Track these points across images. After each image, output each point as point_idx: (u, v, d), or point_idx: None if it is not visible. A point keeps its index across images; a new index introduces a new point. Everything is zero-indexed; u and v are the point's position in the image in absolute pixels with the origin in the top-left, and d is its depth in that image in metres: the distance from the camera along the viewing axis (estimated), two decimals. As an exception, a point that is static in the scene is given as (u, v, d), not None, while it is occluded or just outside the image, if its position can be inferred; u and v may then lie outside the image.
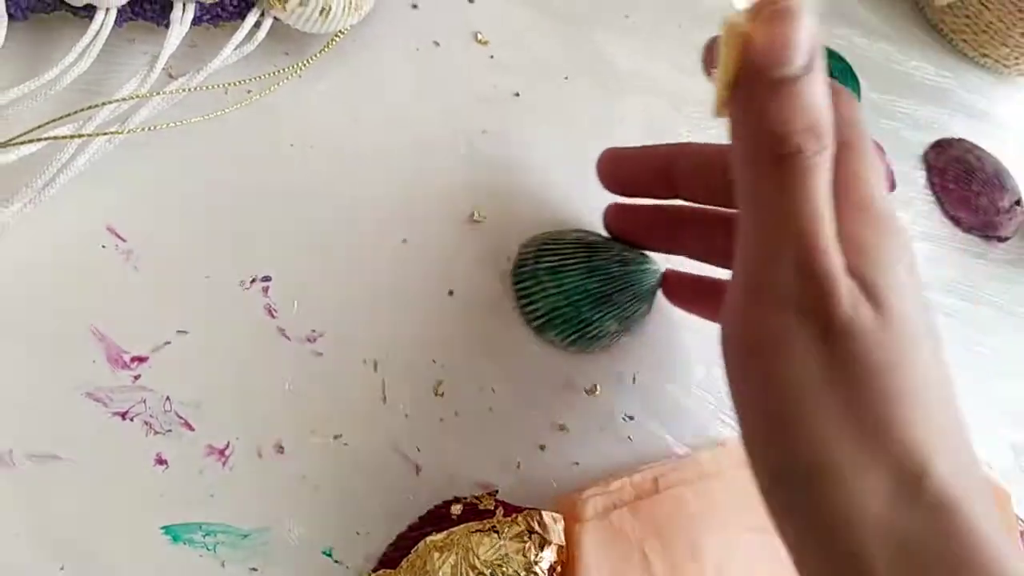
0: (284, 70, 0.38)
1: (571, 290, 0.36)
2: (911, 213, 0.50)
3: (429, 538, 0.31)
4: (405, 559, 0.31)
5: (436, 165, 0.40)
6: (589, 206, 0.40)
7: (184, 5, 0.35)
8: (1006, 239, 0.51)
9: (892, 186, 0.50)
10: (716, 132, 0.48)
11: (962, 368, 0.46)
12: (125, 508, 0.30)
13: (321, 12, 0.37)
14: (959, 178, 0.51)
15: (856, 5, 0.56)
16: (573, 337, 0.37)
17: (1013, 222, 0.51)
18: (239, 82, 0.37)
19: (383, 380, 0.35)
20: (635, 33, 0.49)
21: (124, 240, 0.34)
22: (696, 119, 0.47)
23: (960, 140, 0.54)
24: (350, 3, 0.38)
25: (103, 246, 0.33)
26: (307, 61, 0.39)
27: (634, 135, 0.45)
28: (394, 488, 0.33)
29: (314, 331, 0.35)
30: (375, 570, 0.32)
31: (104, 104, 0.32)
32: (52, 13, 0.35)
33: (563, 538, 0.33)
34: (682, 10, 0.51)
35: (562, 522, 0.33)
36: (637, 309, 0.37)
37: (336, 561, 0.32)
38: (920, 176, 0.52)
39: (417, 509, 0.33)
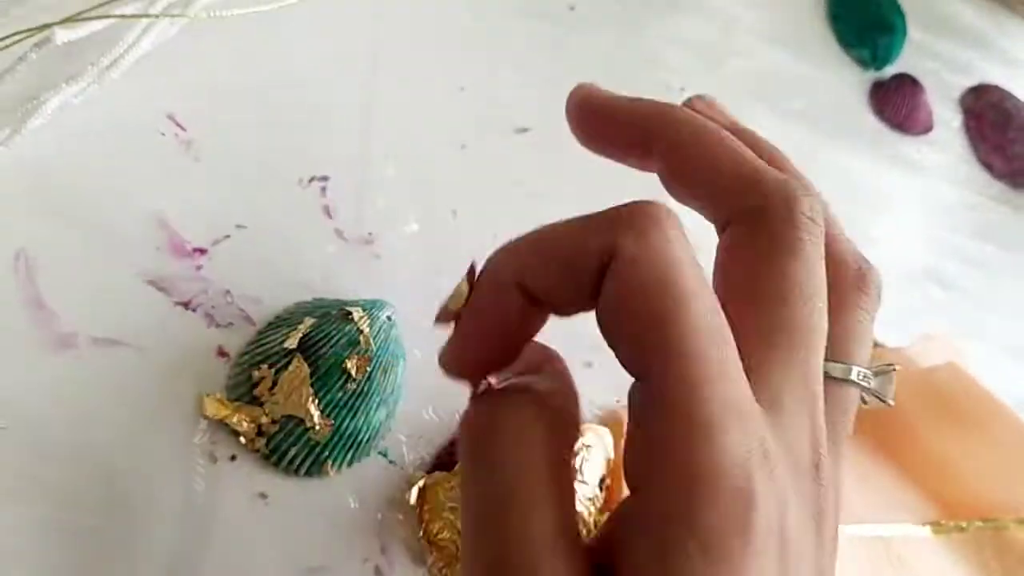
0: (344, -35, 0.37)
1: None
2: (946, 155, 0.51)
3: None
4: (458, 464, 0.31)
5: (493, 72, 0.39)
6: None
7: None
8: (1035, 188, 0.52)
9: (930, 127, 0.50)
10: (762, 62, 0.47)
11: (983, 307, 0.47)
12: (187, 398, 0.30)
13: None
14: (996, 125, 0.52)
15: (906, -59, 0.55)
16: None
17: (1044, 172, 0.52)
18: (299, -26, 0.36)
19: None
20: None
21: (184, 129, 0.33)
22: (744, 47, 0.47)
23: (996, 87, 0.54)
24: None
25: (163, 134, 0.33)
26: (368, -43, 0.38)
27: (683, 59, 0.45)
28: (449, 394, 0.33)
29: (370, 233, 0.34)
30: (429, 472, 0.32)
31: (171, -16, 0.31)
32: None
33: (612, 451, 0.33)
34: None
35: (609, 436, 0.34)
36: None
37: (391, 461, 0.32)
38: (957, 119, 0.52)
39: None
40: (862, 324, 0.23)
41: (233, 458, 0.30)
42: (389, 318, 0.32)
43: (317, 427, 0.29)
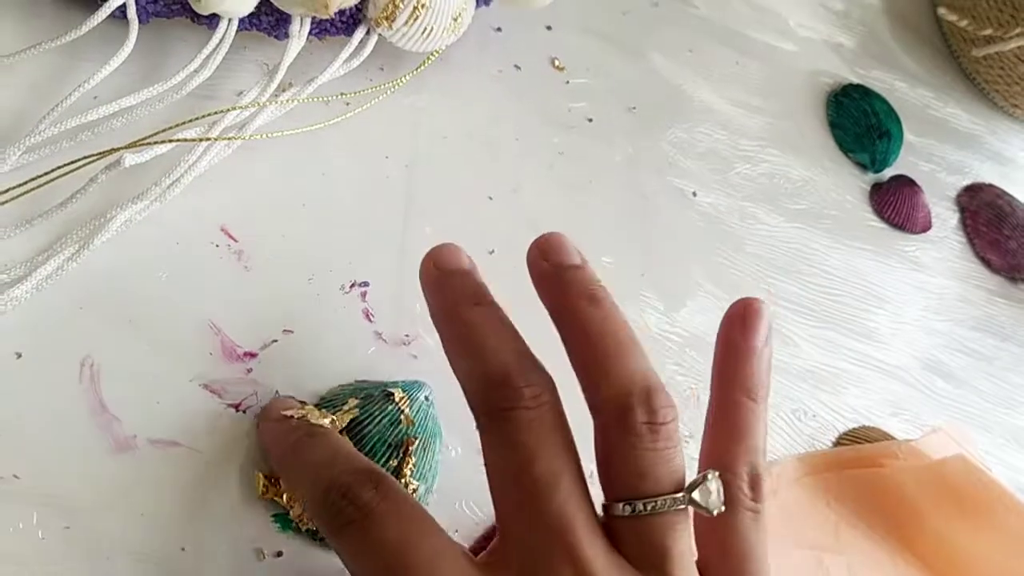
0: (381, 86, 0.40)
1: None
2: (945, 252, 0.53)
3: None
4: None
5: (519, 182, 0.42)
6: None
7: (301, 19, 0.37)
8: (1031, 282, 0.54)
9: (928, 226, 0.53)
10: (768, 167, 0.50)
11: (986, 399, 0.49)
12: (237, 497, 0.31)
13: (423, 32, 0.39)
14: (991, 222, 0.54)
15: (899, 53, 0.59)
16: None
17: (1040, 266, 0.54)
18: (340, 95, 0.39)
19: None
20: (697, 67, 0.51)
21: (236, 240, 0.35)
22: (751, 152, 0.50)
23: (991, 185, 0.57)
24: (450, 25, 0.40)
25: (216, 245, 0.35)
26: (404, 78, 0.41)
27: (694, 165, 0.48)
28: (482, 489, 0.35)
29: (407, 335, 0.37)
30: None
31: (229, 110, 0.34)
32: (172, 19, 0.37)
33: None
34: (739, 49, 0.54)
35: None
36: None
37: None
38: (953, 217, 0.55)
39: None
40: (640, 457, 0.25)
41: (279, 555, 0.31)
42: (427, 398, 0.34)
43: None
